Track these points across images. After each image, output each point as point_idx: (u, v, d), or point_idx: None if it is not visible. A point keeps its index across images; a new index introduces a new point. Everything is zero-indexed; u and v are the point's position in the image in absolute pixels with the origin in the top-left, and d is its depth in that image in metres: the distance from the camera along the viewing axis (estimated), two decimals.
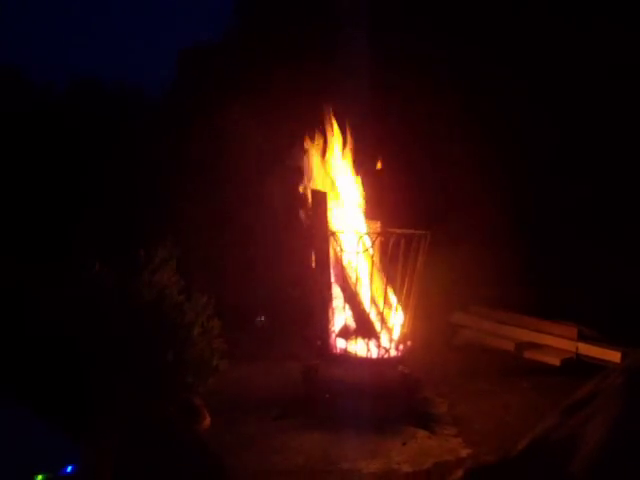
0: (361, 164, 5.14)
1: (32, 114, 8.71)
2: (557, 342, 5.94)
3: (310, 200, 4.76)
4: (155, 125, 8.15)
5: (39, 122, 8.52)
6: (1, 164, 7.77)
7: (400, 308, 4.79)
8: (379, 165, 5.13)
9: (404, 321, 4.77)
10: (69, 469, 2.39)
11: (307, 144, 5.00)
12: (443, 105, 7.32)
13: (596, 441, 2.11)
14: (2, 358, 3.43)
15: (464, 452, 3.93)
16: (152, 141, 7.76)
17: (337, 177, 5.05)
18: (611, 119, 6.77)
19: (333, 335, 4.71)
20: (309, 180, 4.94)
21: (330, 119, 5.06)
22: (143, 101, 10.00)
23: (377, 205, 5.13)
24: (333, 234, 4.64)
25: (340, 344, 4.71)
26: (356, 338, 4.69)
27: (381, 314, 4.68)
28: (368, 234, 4.71)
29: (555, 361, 5.74)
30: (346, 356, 4.67)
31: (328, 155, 5.06)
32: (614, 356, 5.33)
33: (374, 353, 4.64)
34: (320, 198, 4.68)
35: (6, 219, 7.25)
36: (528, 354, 6.03)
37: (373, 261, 4.64)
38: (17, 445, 2.53)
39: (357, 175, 5.10)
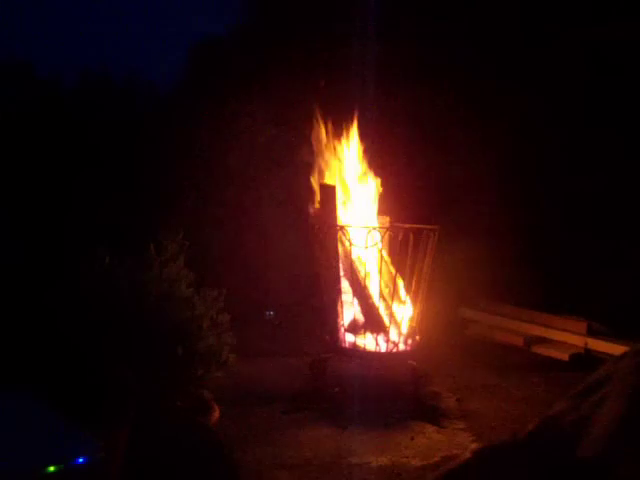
0: (370, 158, 5.15)
1: (42, 108, 8.73)
2: (566, 337, 5.92)
3: (319, 194, 4.77)
4: (165, 119, 8.16)
5: (49, 116, 8.55)
6: (11, 159, 7.80)
7: (409, 302, 4.80)
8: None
9: (413, 315, 4.78)
10: (81, 460, 2.41)
11: (317, 138, 5.00)
12: (448, 97, 7.29)
13: (609, 421, 2.10)
14: (16, 350, 3.46)
15: (473, 446, 3.93)
16: (162, 135, 7.77)
17: (346, 171, 5.05)
18: (625, 111, 6.71)
19: (342, 329, 4.72)
20: (318, 174, 4.95)
21: (339, 113, 5.07)
22: (153, 94, 10.00)
23: (386, 200, 5.14)
24: (342, 228, 4.65)
25: (349, 338, 4.72)
26: (365, 332, 4.70)
27: (390, 308, 4.69)
28: (377, 228, 4.72)
29: (564, 356, 5.72)
30: (355, 350, 4.69)
31: (337, 149, 5.07)
32: (624, 351, 5.31)
33: (383, 347, 4.65)
34: (329, 192, 4.69)
35: (16, 213, 7.28)
36: (537, 349, 6.02)
37: (382, 255, 4.64)
38: (29, 436, 2.56)
39: (368, 169, 5.10)
